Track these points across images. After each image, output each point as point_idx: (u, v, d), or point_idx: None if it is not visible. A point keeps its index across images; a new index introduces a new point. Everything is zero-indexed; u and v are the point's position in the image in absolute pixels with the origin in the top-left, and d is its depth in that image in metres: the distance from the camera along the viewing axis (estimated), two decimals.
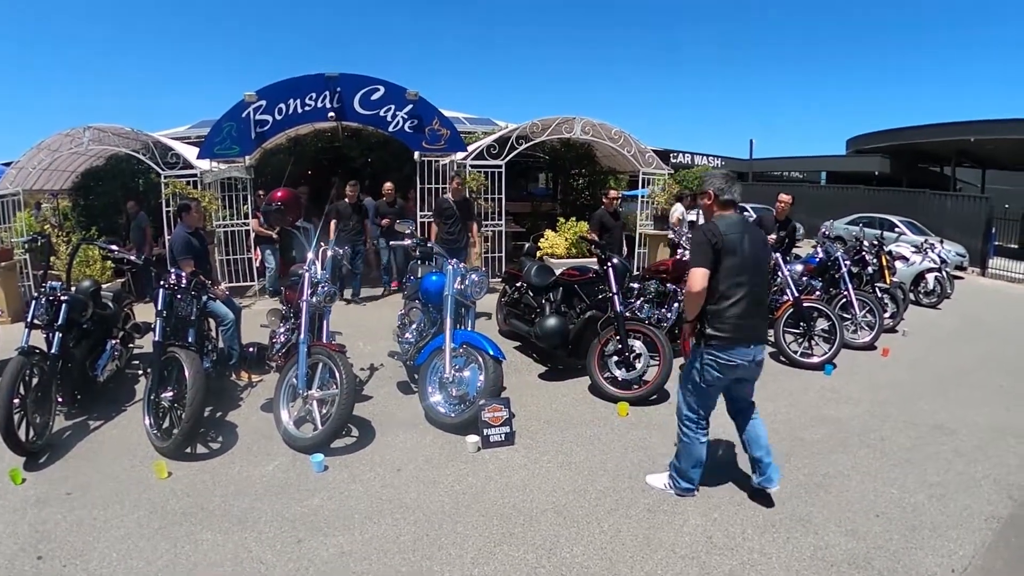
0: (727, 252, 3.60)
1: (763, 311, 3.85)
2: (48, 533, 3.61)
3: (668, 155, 21.77)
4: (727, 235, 3.62)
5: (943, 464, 4.56)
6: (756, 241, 3.74)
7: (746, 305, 3.63)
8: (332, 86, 10.17)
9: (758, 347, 3.75)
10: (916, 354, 7.64)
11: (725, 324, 3.63)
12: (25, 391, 4.50)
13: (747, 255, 3.65)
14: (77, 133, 9.84)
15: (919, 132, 30.03)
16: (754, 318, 3.71)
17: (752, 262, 3.67)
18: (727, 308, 3.62)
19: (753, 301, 3.67)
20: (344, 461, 4.48)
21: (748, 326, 3.67)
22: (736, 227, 3.69)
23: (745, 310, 3.63)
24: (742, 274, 3.62)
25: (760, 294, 3.75)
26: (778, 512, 3.85)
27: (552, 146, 14.07)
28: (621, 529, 3.66)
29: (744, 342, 3.66)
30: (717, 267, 3.62)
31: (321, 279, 5.26)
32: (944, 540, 3.60)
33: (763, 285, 3.79)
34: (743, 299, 3.62)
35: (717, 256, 3.61)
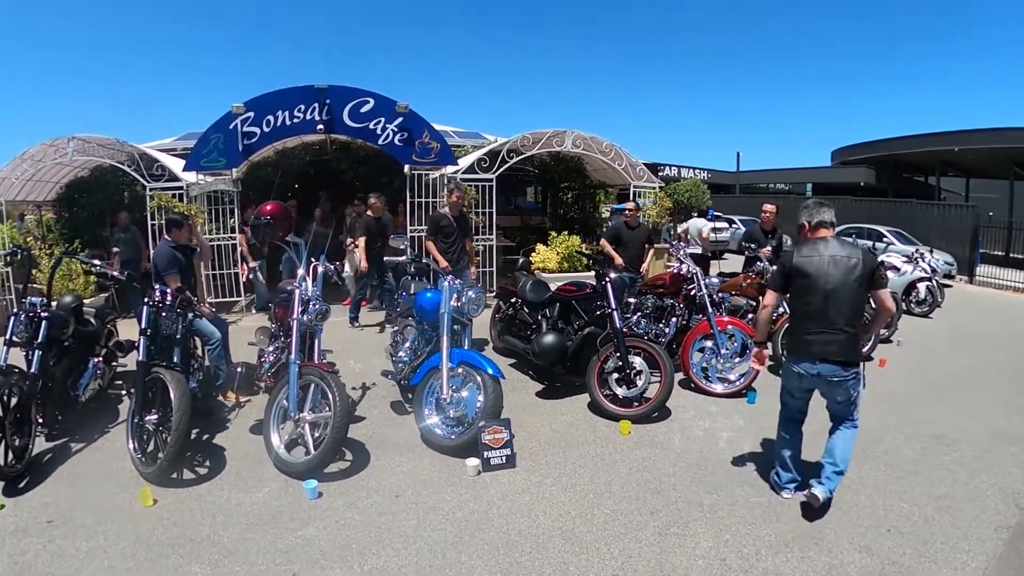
0: (798, 275, 3.93)
1: (833, 329, 3.87)
2: (28, 565, 3.42)
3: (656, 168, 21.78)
4: (800, 260, 3.94)
5: (948, 475, 4.52)
6: (841, 266, 3.88)
7: (812, 324, 3.88)
8: (321, 98, 10.03)
9: (824, 364, 3.86)
10: (911, 364, 7.60)
11: (794, 339, 4.00)
12: (3, 412, 4.32)
13: (821, 278, 3.86)
14: (61, 143, 9.62)
15: (903, 143, 30.42)
16: (820, 335, 3.86)
17: (825, 285, 3.85)
18: (796, 324, 4.00)
19: (821, 321, 3.86)
20: (339, 487, 4.30)
21: (812, 342, 3.87)
22: (818, 251, 3.94)
23: (811, 328, 3.88)
24: (811, 295, 3.88)
25: (830, 315, 3.86)
26: (791, 530, 3.75)
27: (542, 160, 14.01)
28: (632, 554, 3.52)
29: (809, 357, 3.89)
30: (792, 288, 4.01)
31: (312, 296, 5.08)
32: (956, 552, 3.56)
33: (838, 305, 3.85)
34: (809, 319, 3.89)
35: (788, 279, 4.00)
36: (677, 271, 7.05)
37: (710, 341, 6.31)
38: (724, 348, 6.25)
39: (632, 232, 8.53)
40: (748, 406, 5.97)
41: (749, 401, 6.06)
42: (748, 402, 6.05)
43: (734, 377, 6.31)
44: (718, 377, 6.32)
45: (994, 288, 15.44)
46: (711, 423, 5.52)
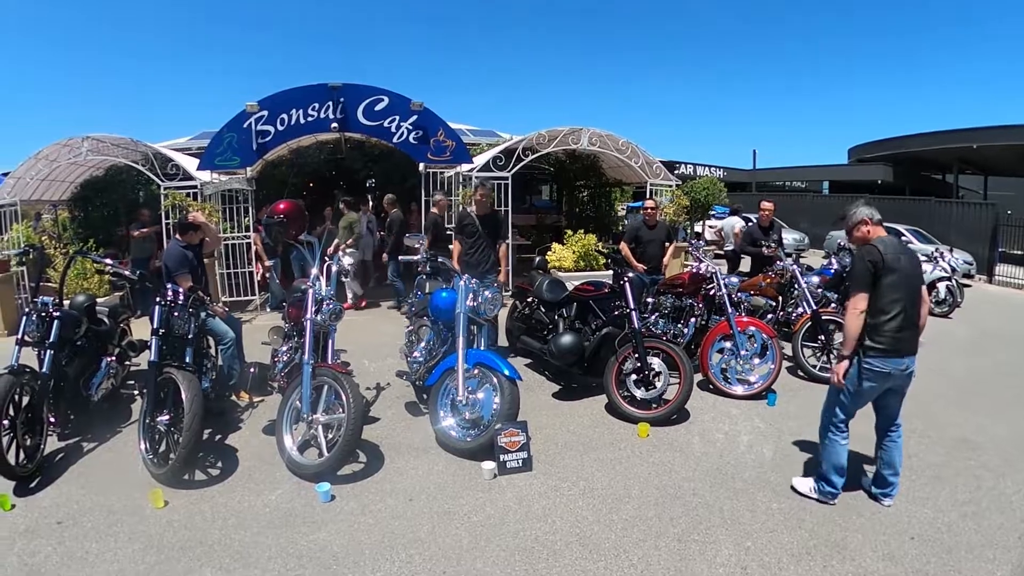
0: (887, 271, 3.84)
1: (912, 324, 3.94)
2: (37, 567, 3.37)
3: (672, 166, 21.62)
4: (886, 255, 3.86)
5: (972, 480, 4.39)
6: (913, 260, 3.98)
7: (902, 320, 3.84)
8: (335, 96, 10.00)
9: (910, 358, 3.93)
10: (933, 365, 7.36)
11: (883, 337, 3.84)
12: (15, 412, 4.28)
13: (905, 273, 3.87)
14: (75, 143, 9.66)
15: (921, 140, 30.01)
16: (910, 331, 3.90)
17: (907, 280, 3.88)
18: (885, 322, 3.85)
19: (908, 316, 3.86)
20: (352, 490, 4.22)
21: (904, 339, 3.86)
22: (894, 247, 3.95)
23: (901, 324, 3.84)
24: (899, 290, 3.84)
25: (912, 310, 3.90)
26: (813, 538, 3.64)
27: (557, 158, 13.91)
28: (651, 562, 3.41)
29: (901, 355, 3.87)
30: (877, 285, 3.87)
31: (326, 296, 5.02)
32: (981, 561, 3.45)
33: (916, 301, 3.95)
34: (900, 314, 3.83)
35: (877, 276, 3.86)
36: (696, 270, 6.91)
37: (729, 342, 6.18)
38: (744, 349, 6.12)
39: (651, 231, 8.36)
40: (768, 408, 5.83)
41: (769, 403, 5.93)
42: (768, 404, 5.92)
43: (754, 379, 6.17)
44: (738, 379, 6.19)
45: (1014, 288, 15.13)
46: (731, 426, 5.40)
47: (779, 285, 7.91)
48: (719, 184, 14.35)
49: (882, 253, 3.86)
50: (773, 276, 7.93)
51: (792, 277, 7.53)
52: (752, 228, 9.33)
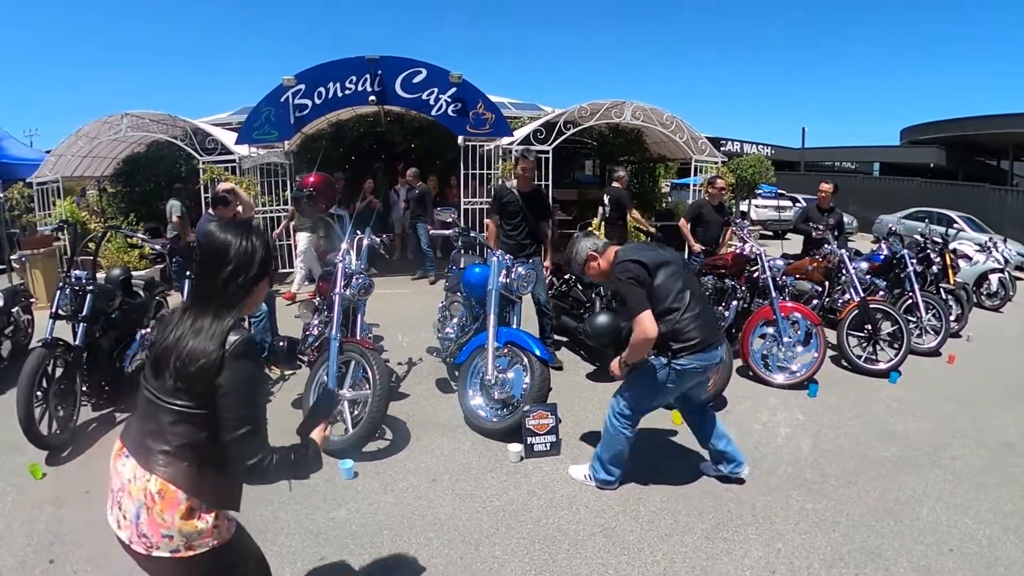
0: (655, 270, 3.59)
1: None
2: (63, 535, 3.40)
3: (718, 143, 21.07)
4: (642, 259, 3.61)
5: (1017, 490, 4.08)
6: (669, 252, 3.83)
7: (699, 308, 3.66)
8: (373, 69, 9.93)
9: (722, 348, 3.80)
10: (982, 361, 7.02)
11: (689, 333, 3.57)
12: (47, 384, 4.34)
13: (673, 261, 3.73)
14: (115, 120, 9.82)
15: (976, 123, 28.93)
16: (706, 317, 3.73)
17: (679, 268, 3.72)
18: (684, 318, 3.58)
19: (701, 301, 3.72)
20: (375, 468, 4.18)
21: (708, 327, 3.68)
22: (637, 248, 3.84)
23: (699, 312, 3.64)
24: (677, 280, 3.63)
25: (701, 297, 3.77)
26: (847, 543, 3.44)
27: (600, 132, 13.65)
28: (676, 559, 3.27)
29: (711, 346, 3.64)
30: (653, 290, 3.57)
31: (356, 270, 4.95)
32: None
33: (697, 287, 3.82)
34: (691, 302, 3.62)
35: (650, 283, 3.58)
36: (740, 251, 6.65)
37: (772, 327, 5.93)
38: (787, 336, 5.86)
39: (716, 211, 8.05)
40: (809, 400, 5.59)
41: (811, 394, 5.68)
42: (809, 395, 5.67)
43: (796, 367, 5.92)
44: (779, 366, 5.95)
45: None
46: (769, 416, 5.19)
47: (826, 270, 7.60)
48: (766, 162, 13.92)
49: (638, 261, 3.58)
50: (820, 260, 7.62)
51: (840, 262, 7.21)
52: (810, 208, 8.95)
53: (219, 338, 1.78)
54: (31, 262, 8.71)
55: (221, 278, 1.85)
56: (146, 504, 1.78)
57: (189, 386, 1.77)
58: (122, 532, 1.84)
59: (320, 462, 2.05)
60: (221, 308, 1.85)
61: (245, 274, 1.88)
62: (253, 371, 1.84)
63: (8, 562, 3.18)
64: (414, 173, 10.90)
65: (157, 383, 1.83)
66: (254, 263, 1.89)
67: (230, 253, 1.86)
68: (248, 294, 1.91)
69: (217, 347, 1.76)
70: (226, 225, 1.96)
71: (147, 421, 1.86)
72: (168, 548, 1.78)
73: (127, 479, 1.83)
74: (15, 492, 3.87)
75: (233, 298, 1.87)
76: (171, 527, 1.77)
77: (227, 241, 1.88)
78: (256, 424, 1.81)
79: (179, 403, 1.78)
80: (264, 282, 1.97)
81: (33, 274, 8.70)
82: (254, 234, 1.94)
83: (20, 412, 4.02)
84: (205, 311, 1.84)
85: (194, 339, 1.78)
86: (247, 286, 1.89)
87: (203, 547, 1.82)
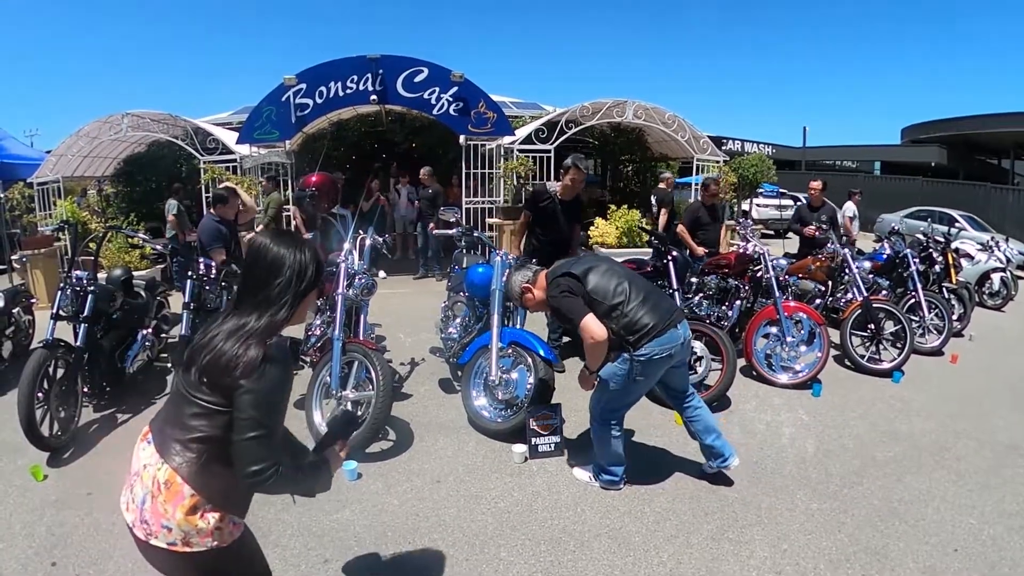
0: (584, 276, 3.58)
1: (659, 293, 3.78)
2: (65, 537, 3.38)
3: (720, 142, 21.04)
4: (572, 270, 3.63)
5: (1021, 490, 4.06)
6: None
7: (644, 294, 3.61)
8: (374, 68, 9.90)
9: (683, 327, 3.68)
10: (985, 361, 6.99)
11: (643, 322, 3.52)
12: (49, 385, 4.32)
13: (600, 260, 3.74)
14: (115, 119, 9.81)
15: (977, 122, 28.92)
16: (655, 299, 3.67)
17: (607, 262, 3.75)
18: (631, 309, 3.54)
19: (641, 288, 3.65)
20: (379, 469, 4.16)
21: (662, 309, 3.62)
22: (564, 264, 3.80)
23: (644, 297, 3.60)
24: (613, 276, 3.62)
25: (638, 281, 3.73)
26: (852, 544, 3.41)
27: (601, 131, 13.63)
28: (682, 560, 3.25)
29: (672, 326, 3.58)
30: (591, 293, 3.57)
31: (358, 270, 4.93)
32: None
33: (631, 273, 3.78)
34: (632, 291, 3.59)
35: (582, 291, 3.56)
36: (743, 250, 6.63)
37: (775, 327, 5.91)
38: (790, 335, 5.84)
39: (711, 213, 8.01)
40: (813, 399, 5.56)
41: (814, 394, 5.65)
42: (813, 395, 5.65)
43: (799, 367, 5.90)
44: (782, 366, 5.92)
45: None
46: (773, 416, 5.17)
47: (829, 269, 7.58)
48: (768, 161, 13.92)
49: (566, 273, 3.60)
50: (823, 259, 7.60)
51: (843, 261, 7.20)
52: (801, 208, 8.96)
53: (251, 345, 1.77)
54: (32, 262, 8.70)
55: (275, 290, 1.86)
56: (152, 492, 1.79)
57: (214, 380, 1.76)
58: (128, 514, 1.85)
59: (329, 483, 2.03)
60: (265, 315, 1.85)
61: (298, 288, 1.89)
62: (280, 377, 1.82)
63: (10, 565, 3.16)
64: (429, 172, 10.85)
65: (185, 375, 1.85)
66: (307, 276, 1.91)
67: (285, 265, 1.87)
68: (299, 306, 1.92)
69: (247, 353, 1.76)
70: (279, 235, 1.96)
71: (171, 409, 1.89)
72: (165, 540, 1.78)
73: (143, 464, 1.85)
74: (16, 494, 3.84)
75: (280, 308, 1.87)
76: (171, 519, 1.77)
77: (281, 253, 1.88)
78: (269, 430, 1.78)
79: (202, 397, 1.79)
80: (314, 293, 1.97)
81: (34, 274, 8.69)
82: (307, 247, 1.95)
83: (21, 413, 4.00)
84: (249, 314, 1.85)
85: (229, 339, 1.79)
86: (297, 299, 1.90)
87: (201, 546, 1.81)
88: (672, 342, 3.55)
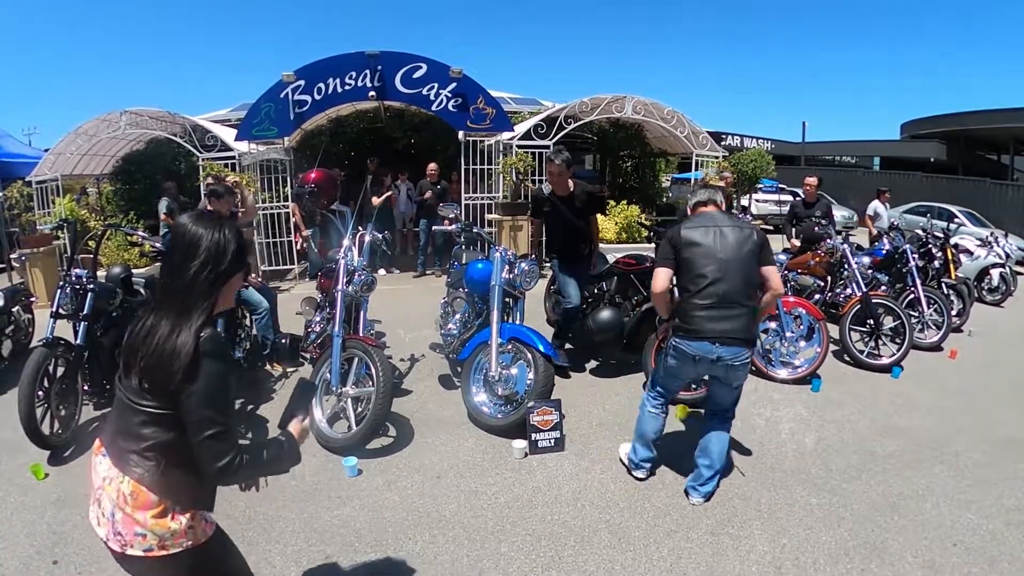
0: (693, 245, 3.60)
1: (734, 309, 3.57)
2: (66, 535, 3.38)
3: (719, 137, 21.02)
4: (686, 233, 3.64)
5: (1020, 485, 4.07)
6: (728, 237, 3.61)
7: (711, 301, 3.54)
8: (372, 64, 9.86)
9: (725, 347, 3.53)
10: (984, 357, 6.99)
11: (689, 316, 3.57)
12: (49, 383, 4.32)
13: (711, 250, 3.58)
14: (114, 117, 9.79)
15: (977, 118, 28.87)
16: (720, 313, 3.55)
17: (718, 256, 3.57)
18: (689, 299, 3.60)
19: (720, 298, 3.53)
20: (379, 465, 4.16)
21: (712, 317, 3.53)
22: (703, 221, 3.70)
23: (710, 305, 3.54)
24: (707, 267, 3.55)
25: (729, 292, 3.54)
26: (852, 538, 3.43)
27: (601, 126, 13.61)
28: (682, 555, 3.26)
29: (700, 336, 3.54)
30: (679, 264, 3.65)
31: (358, 266, 4.93)
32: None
33: (734, 282, 3.56)
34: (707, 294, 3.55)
35: (677, 254, 3.64)
36: None
37: (775, 323, 5.91)
38: (789, 331, 5.84)
39: None
40: (812, 394, 5.58)
41: (813, 389, 5.66)
42: (812, 390, 5.65)
43: (799, 362, 5.89)
44: (782, 361, 5.92)
45: None
46: (772, 411, 5.18)
47: (828, 264, 7.58)
48: (767, 157, 13.90)
49: (682, 232, 3.66)
50: (822, 255, 7.60)
51: (842, 257, 7.20)
52: (795, 204, 8.95)
53: (188, 336, 1.71)
54: (31, 261, 8.69)
55: (191, 272, 1.77)
56: (118, 505, 1.76)
57: (156, 386, 1.71)
58: (100, 529, 1.82)
59: (298, 456, 2.00)
60: (190, 305, 1.77)
61: (217, 268, 1.80)
62: (222, 370, 1.76)
63: (11, 564, 3.17)
64: (435, 168, 10.82)
65: (127, 383, 1.79)
66: (227, 256, 1.82)
67: (201, 245, 1.79)
68: (219, 290, 1.83)
69: (185, 345, 1.70)
70: (199, 217, 1.88)
71: (119, 421, 1.83)
72: (141, 547, 1.76)
73: (104, 477, 1.81)
74: (17, 492, 3.85)
75: (203, 294, 1.79)
76: (144, 526, 1.75)
77: (198, 233, 1.80)
78: (225, 424, 1.74)
79: (147, 404, 1.74)
80: (237, 277, 1.88)
81: (33, 273, 8.68)
82: (227, 227, 1.86)
83: (22, 412, 4.01)
84: (174, 308, 1.78)
85: (162, 337, 1.73)
86: (218, 281, 1.82)
87: (176, 547, 1.80)
88: (700, 352, 3.54)
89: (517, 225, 10.09)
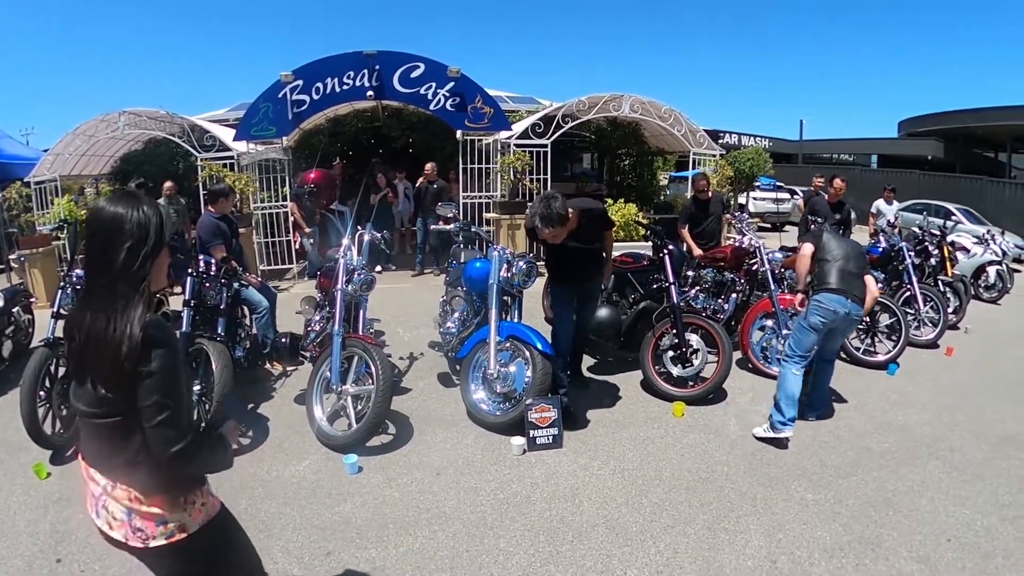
0: (830, 240, 4.91)
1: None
2: (69, 534, 3.41)
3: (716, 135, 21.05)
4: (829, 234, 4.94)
5: (1015, 482, 4.10)
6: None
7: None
8: (370, 64, 9.88)
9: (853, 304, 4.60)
10: (980, 354, 7.03)
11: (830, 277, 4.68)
12: (50, 383, 4.35)
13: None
14: (113, 118, 9.82)
15: (975, 115, 28.89)
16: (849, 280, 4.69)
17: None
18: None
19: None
20: (379, 462, 4.20)
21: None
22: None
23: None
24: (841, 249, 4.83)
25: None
26: (847, 533, 3.46)
27: (598, 125, 13.64)
28: (679, 549, 3.30)
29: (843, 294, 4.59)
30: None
31: (357, 266, 4.96)
32: (1018, 570, 3.21)
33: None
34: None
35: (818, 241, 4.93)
36: (739, 244, 6.66)
37: (771, 320, 5.95)
38: (786, 328, 5.87)
39: (705, 209, 8.03)
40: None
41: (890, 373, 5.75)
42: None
43: None
44: (778, 359, 5.94)
45: None
46: (769, 408, 5.19)
47: None
48: (764, 155, 13.91)
49: (823, 233, 5.00)
50: None
51: None
52: (819, 201, 8.65)
53: (129, 324, 1.65)
54: (30, 261, 8.71)
55: (119, 257, 1.68)
56: (131, 507, 1.78)
57: (109, 382, 1.65)
58: (116, 532, 1.81)
59: (231, 460, 1.97)
60: (125, 291, 1.69)
61: (144, 247, 1.71)
62: (168, 357, 1.69)
63: (15, 563, 3.20)
64: (433, 167, 10.84)
65: (80, 393, 1.72)
66: (151, 233, 1.72)
67: (125, 226, 1.70)
68: (150, 270, 1.74)
69: (129, 334, 1.64)
70: (114, 197, 1.78)
71: (91, 443, 1.81)
72: (164, 536, 1.80)
73: (104, 488, 1.81)
74: (20, 492, 3.88)
75: (135, 277, 1.70)
76: (163, 515, 1.79)
77: (118, 213, 1.70)
78: (176, 407, 1.69)
79: (106, 415, 1.70)
80: (165, 252, 1.79)
81: (32, 274, 8.71)
82: (145, 203, 1.76)
83: (24, 412, 4.04)
84: (107, 298, 1.69)
85: (102, 331, 1.66)
86: (147, 261, 1.72)
87: (195, 526, 1.85)
88: (837, 304, 4.54)
89: (515, 224, 10.12)
